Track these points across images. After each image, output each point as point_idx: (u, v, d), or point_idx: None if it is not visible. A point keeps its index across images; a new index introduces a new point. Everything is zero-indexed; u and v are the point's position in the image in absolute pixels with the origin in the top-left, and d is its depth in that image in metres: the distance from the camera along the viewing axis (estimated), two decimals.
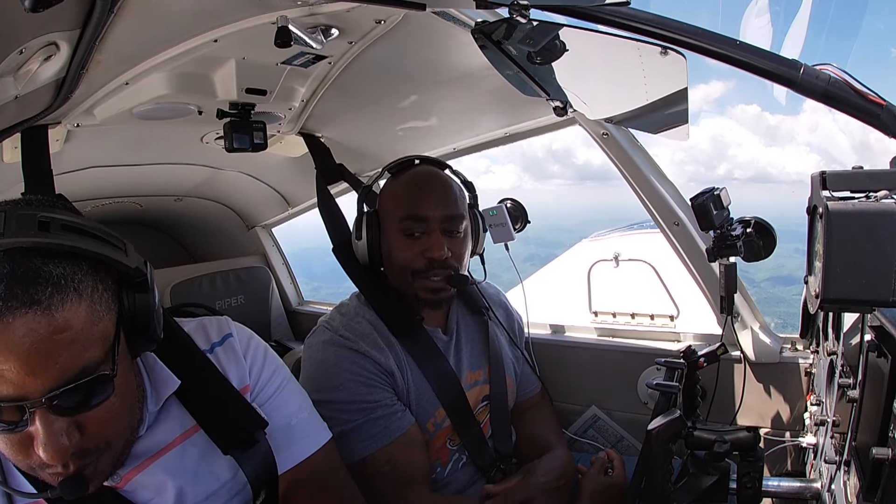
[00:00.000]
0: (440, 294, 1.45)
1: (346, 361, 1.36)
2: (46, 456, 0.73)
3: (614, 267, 2.49)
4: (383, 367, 1.38)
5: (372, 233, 1.46)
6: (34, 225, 0.71)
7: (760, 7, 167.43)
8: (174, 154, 2.16)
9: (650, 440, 1.00)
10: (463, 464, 1.49)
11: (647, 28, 0.84)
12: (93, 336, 0.75)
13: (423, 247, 1.40)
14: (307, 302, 3.23)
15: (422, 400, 1.42)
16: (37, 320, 0.69)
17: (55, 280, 0.71)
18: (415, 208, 1.41)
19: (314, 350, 1.41)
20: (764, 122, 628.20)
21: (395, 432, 1.33)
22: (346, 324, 1.43)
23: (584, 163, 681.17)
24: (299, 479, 1.05)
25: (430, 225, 1.41)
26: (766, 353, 1.66)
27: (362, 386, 1.34)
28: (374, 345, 1.39)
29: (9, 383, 0.69)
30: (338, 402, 1.30)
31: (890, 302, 0.66)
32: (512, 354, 1.66)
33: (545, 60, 1.21)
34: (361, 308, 1.48)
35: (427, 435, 1.41)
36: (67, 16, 0.93)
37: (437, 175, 1.48)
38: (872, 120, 0.76)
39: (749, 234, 1.42)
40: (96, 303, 0.76)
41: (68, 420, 0.75)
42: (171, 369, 0.96)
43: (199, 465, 0.96)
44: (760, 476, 1.00)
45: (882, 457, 0.67)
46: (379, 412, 1.33)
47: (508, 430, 1.58)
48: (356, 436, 1.31)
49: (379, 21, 1.27)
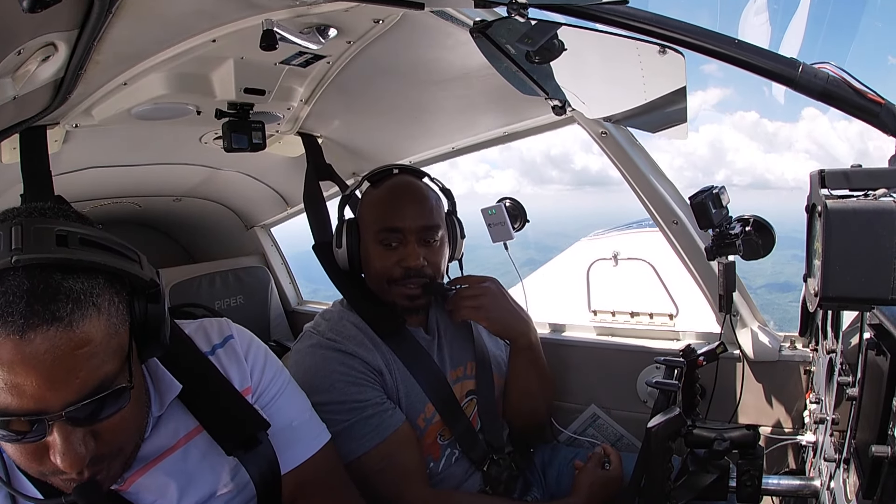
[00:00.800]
0: (416, 301, 1.50)
1: (335, 363, 1.38)
2: (64, 465, 0.74)
3: (613, 266, 2.49)
4: (371, 366, 1.40)
5: (351, 240, 1.50)
6: (52, 240, 0.71)
7: (759, 6, 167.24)
8: (173, 154, 2.15)
9: (650, 438, 1.00)
10: (456, 458, 1.51)
11: (646, 27, 0.84)
12: (110, 349, 0.75)
13: (400, 256, 1.46)
14: (306, 302, 3.22)
15: (411, 397, 1.45)
16: (58, 336, 0.69)
17: (75, 296, 0.71)
18: (391, 220, 1.46)
19: (302, 355, 1.44)
20: (762, 128, 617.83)
21: (387, 430, 1.35)
22: (331, 327, 1.46)
23: (582, 168, 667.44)
24: (301, 479, 1.06)
25: (407, 236, 1.46)
26: (766, 351, 1.66)
27: (352, 385, 1.36)
28: (361, 344, 1.42)
29: (29, 398, 0.69)
30: (329, 403, 1.31)
31: (889, 300, 0.66)
32: (496, 349, 1.70)
33: (544, 59, 1.21)
34: (345, 312, 1.52)
35: (418, 431, 1.44)
36: (65, 16, 0.93)
37: (414, 186, 1.53)
38: (871, 118, 0.76)
39: (748, 232, 1.43)
40: (113, 316, 0.76)
41: (84, 430, 0.75)
42: (172, 372, 0.96)
43: (201, 466, 0.96)
44: (760, 474, 1.00)
45: (881, 455, 0.67)
46: (370, 411, 1.35)
47: (498, 423, 1.61)
48: (349, 435, 1.32)
49: (377, 20, 1.27)
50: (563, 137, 22.21)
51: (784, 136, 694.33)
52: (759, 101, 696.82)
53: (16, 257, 0.68)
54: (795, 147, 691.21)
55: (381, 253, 1.47)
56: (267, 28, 1.13)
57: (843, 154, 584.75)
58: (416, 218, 1.46)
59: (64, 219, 0.76)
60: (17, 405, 0.69)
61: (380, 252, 1.47)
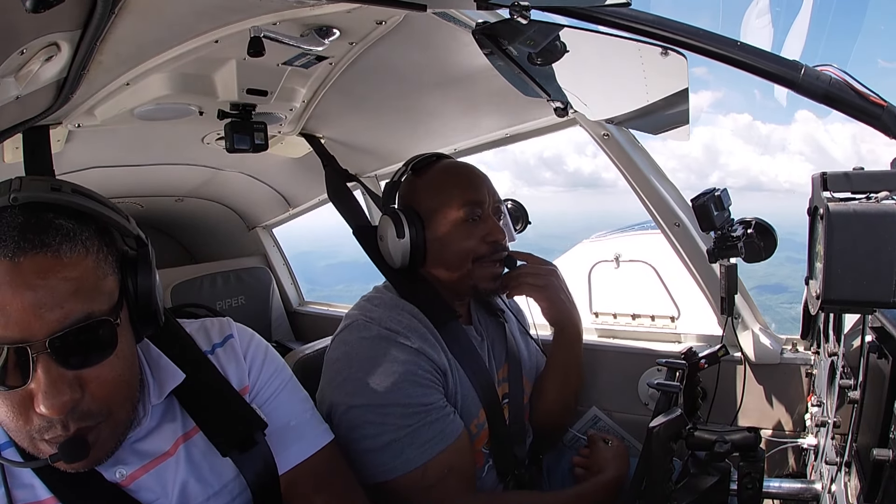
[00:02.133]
0: (498, 281, 1.46)
1: (398, 361, 1.25)
2: (46, 407, 0.73)
3: (615, 268, 2.49)
4: (437, 366, 1.30)
5: (416, 229, 1.39)
6: (47, 187, 0.79)
7: (761, 8, 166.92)
8: (175, 154, 2.16)
9: (651, 438, 1.00)
10: (489, 467, 1.43)
11: (648, 29, 0.84)
12: (98, 289, 0.78)
13: (483, 232, 1.39)
14: (308, 302, 3.23)
15: (466, 400, 1.35)
16: (46, 261, 0.73)
17: (65, 231, 0.76)
18: (474, 193, 1.40)
19: (353, 347, 1.30)
20: (756, 131, 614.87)
21: (450, 436, 1.25)
22: (389, 316, 1.32)
23: (575, 170, 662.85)
24: (298, 480, 1.05)
25: (486, 210, 1.41)
26: (767, 354, 1.66)
27: (417, 387, 1.24)
28: (426, 340, 1.31)
29: (14, 323, 0.71)
30: (389, 405, 1.21)
31: (891, 303, 0.66)
32: (527, 350, 1.65)
33: (546, 61, 1.21)
34: (399, 300, 1.39)
35: (470, 437, 1.34)
36: (68, 16, 0.93)
37: (471, 165, 1.49)
38: (873, 121, 0.76)
39: (750, 234, 1.42)
40: (101, 261, 0.80)
41: (70, 373, 0.75)
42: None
43: (201, 465, 0.96)
44: (761, 477, 0.99)
45: (883, 458, 0.67)
46: (433, 415, 1.24)
47: (525, 430, 1.55)
48: (411, 442, 1.21)
49: (380, 22, 1.27)
50: (556, 140, 22.47)
51: (778, 138, 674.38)
52: (752, 104, 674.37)
53: (14, 195, 0.75)
54: (789, 149, 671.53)
55: (465, 230, 1.38)
56: (254, 35, 1.14)
57: (836, 155, 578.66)
58: (491, 192, 1.43)
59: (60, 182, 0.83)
60: (3, 332, 0.71)
61: (464, 230, 1.38)
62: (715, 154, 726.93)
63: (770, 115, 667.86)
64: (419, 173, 1.47)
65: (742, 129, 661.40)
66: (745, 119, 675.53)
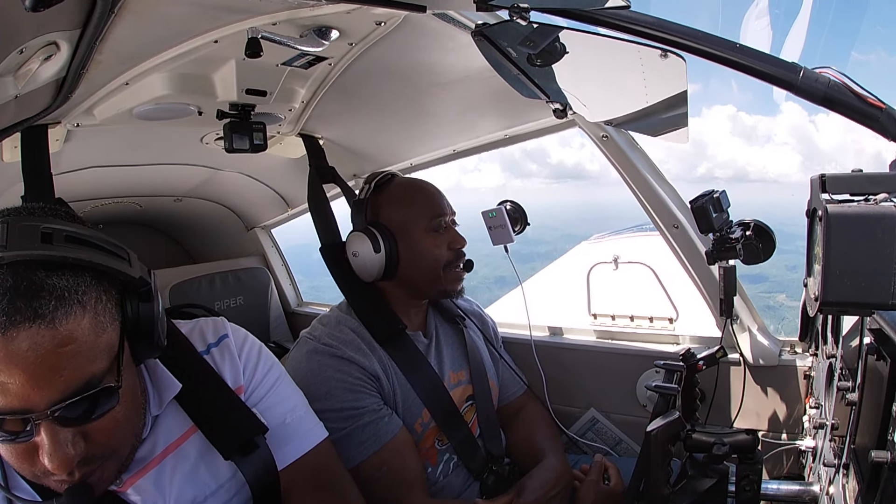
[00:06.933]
0: (462, 282, 1.59)
1: (331, 369, 1.39)
2: (52, 466, 0.73)
3: (613, 269, 2.49)
4: (368, 372, 1.41)
5: (389, 242, 1.51)
6: (37, 237, 0.71)
7: (760, 10, 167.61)
8: (174, 154, 2.15)
9: (649, 441, 1.00)
10: (455, 464, 1.51)
11: (647, 31, 0.84)
12: (97, 347, 0.75)
13: (448, 240, 1.55)
14: (306, 303, 3.22)
15: (407, 402, 1.45)
16: (41, 334, 0.69)
17: (58, 293, 0.71)
18: (438, 207, 1.57)
19: (298, 362, 1.44)
20: (740, 122, 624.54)
21: (384, 437, 1.36)
22: (328, 332, 1.48)
23: (558, 162, 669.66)
24: (295, 477, 1.05)
25: (447, 221, 1.57)
26: (765, 355, 1.66)
27: (349, 392, 1.37)
28: (358, 349, 1.43)
29: (13, 396, 0.69)
30: (326, 410, 1.30)
31: (889, 305, 0.66)
32: (490, 358, 1.71)
33: (545, 63, 1.21)
34: (343, 317, 1.53)
35: (415, 436, 1.44)
36: (68, 16, 0.93)
37: (426, 181, 1.64)
38: (872, 123, 0.76)
39: (748, 236, 1.42)
40: (100, 314, 0.76)
41: (73, 430, 0.75)
42: (170, 372, 0.95)
43: (198, 465, 0.96)
44: (759, 479, 1.00)
45: (881, 460, 0.67)
46: (367, 418, 1.36)
47: (497, 431, 1.61)
48: (347, 443, 1.33)
49: (379, 23, 1.27)
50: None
51: (764, 129, 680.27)
52: (733, 95, 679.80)
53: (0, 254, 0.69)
54: (774, 140, 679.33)
55: (433, 240, 1.53)
56: (252, 36, 1.13)
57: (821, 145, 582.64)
58: (448, 204, 1.60)
59: (53, 217, 0.76)
60: (3, 404, 0.69)
61: (432, 240, 1.53)
62: (702, 146, 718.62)
63: (754, 107, 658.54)
64: (381, 190, 1.58)
65: (726, 120, 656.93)
66: (730, 110, 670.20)
